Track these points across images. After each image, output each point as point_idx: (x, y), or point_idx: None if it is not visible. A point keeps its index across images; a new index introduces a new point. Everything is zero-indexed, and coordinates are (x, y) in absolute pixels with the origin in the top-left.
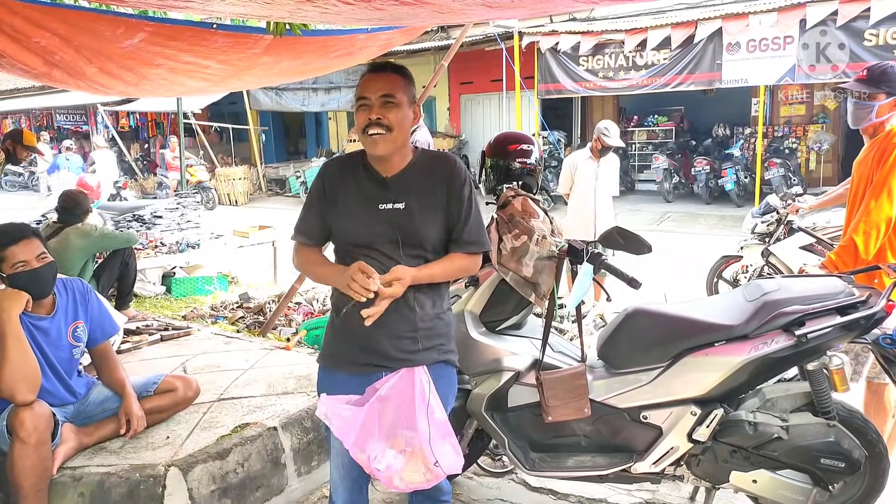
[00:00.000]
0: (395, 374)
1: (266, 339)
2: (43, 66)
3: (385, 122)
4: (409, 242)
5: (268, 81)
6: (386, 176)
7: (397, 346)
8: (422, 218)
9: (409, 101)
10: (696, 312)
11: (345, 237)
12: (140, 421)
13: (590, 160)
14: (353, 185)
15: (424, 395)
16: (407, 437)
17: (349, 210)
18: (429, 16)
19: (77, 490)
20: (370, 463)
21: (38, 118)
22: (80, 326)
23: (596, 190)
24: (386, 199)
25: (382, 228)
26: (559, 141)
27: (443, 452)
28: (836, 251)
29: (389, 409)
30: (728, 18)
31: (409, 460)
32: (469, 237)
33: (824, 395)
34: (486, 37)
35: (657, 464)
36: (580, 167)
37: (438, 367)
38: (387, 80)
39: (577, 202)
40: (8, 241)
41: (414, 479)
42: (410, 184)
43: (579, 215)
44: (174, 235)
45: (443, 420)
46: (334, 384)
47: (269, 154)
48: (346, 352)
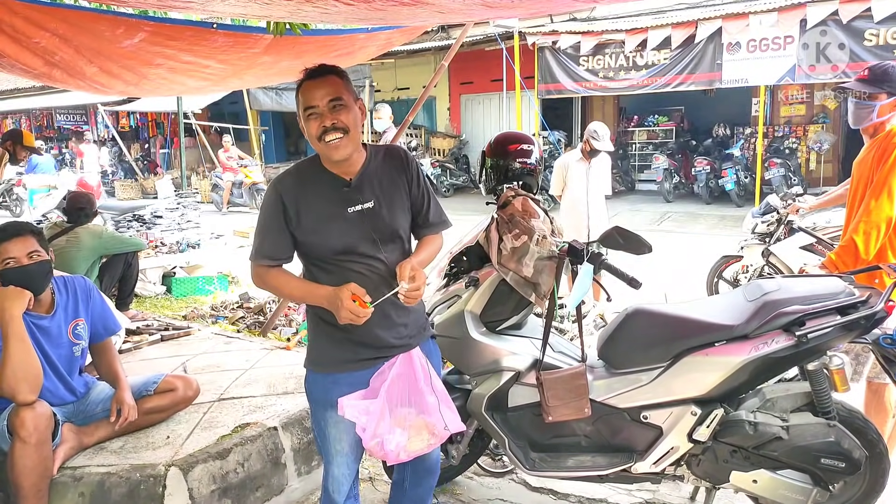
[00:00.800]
0: (395, 360)
1: (266, 339)
2: (43, 66)
3: (341, 126)
4: (386, 238)
5: (268, 81)
6: (349, 178)
7: (395, 335)
8: (391, 212)
9: (354, 98)
10: (696, 312)
11: (320, 249)
12: (132, 410)
13: (580, 161)
14: (316, 196)
15: (426, 372)
16: (406, 413)
17: (319, 221)
18: (429, 16)
19: (77, 490)
20: (383, 447)
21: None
22: (80, 324)
23: (588, 191)
24: (353, 202)
25: (358, 231)
26: (559, 141)
27: (450, 416)
28: (836, 251)
29: (395, 393)
30: (728, 18)
31: (412, 433)
32: (435, 219)
33: (824, 395)
34: (486, 37)
35: (657, 464)
36: (571, 168)
37: (427, 345)
38: (329, 83)
39: (569, 203)
40: (2, 238)
41: (417, 446)
42: (373, 181)
43: (572, 216)
44: (174, 235)
45: (442, 389)
46: (336, 384)
47: (269, 154)
48: (347, 353)
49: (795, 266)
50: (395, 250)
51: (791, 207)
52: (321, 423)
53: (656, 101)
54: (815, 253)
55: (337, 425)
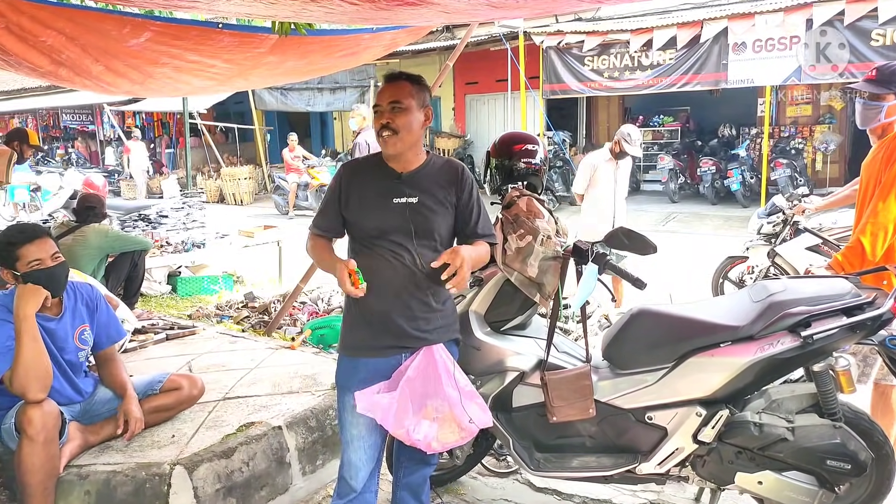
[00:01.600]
0: (417, 355)
1: (271, 338)
2: (49, 65)
3: (392, 126)
4: (422, 234)
5: (273, 81)
6: (401, 172)
7: (414, 327)
8: (432, 212)
9: (419, 105)
10: (701, 313)
11: (361, 229)
12: (138, 423)
13: (609, 162)
14: (369, 182)
15: (447, 367)
16: (436, 405)
17: (365, 204)
18: (434, 16)
19: (83, 488)
20: (410, 435)
21: (44, 118)
22: (86, 330)
23: (615, 192)
24: (400, 194)
25: (396, 220)
26: (564, 141)
27: (474, 411)
28: (842, 252)
29: (417, 386)
30: (734, 18)
31: (441, 425)
32: (484, 230)
33: (830, 397)
34: (491, 37)
35: (662, 465)
36: (599, 169)
37: (450, 345)
38: (396, 87)
39: (594, 203)
40: (23, 240)
41: (449, 438)
42: (423, 181)
43: (596, 216)
44: (180, 235)
45: (467, 384)
46: (356, 370)
47: (274, 154)
48: (367, 337)
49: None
50: (428, 247)
51: (797, 208)
52: (340, 407)
53: (661, 102)
54: (821, 254)
55: (353, 410)
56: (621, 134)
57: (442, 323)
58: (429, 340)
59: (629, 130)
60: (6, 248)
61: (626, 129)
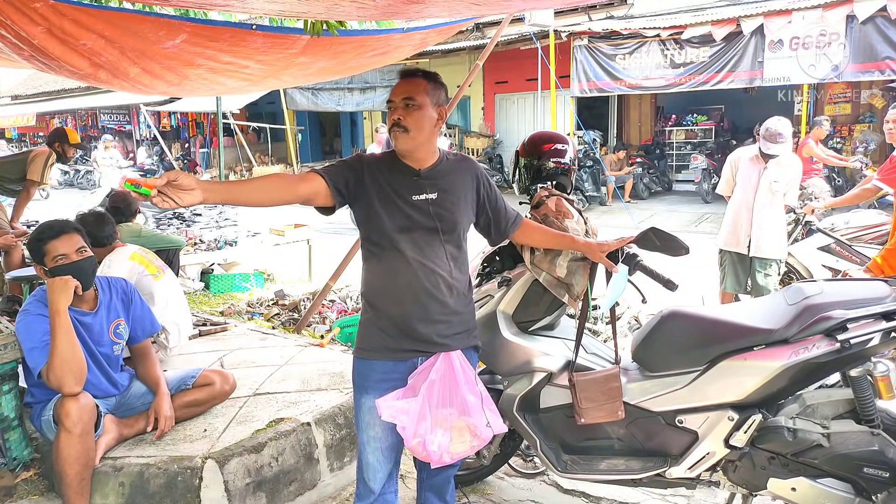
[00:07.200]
0: (437, 359)
1: (300, 335)
2: (89, 68)
3: (403, 123)
4: (446, 229)
5: (304, 81)
6: (418, 169)
7: (433, 331)
8: (455, 205)
9: (433, 102)
10: (734, 315)
11: (382, 228)
12: (168, 421)
13: (753, 161)
14: (387, 178)
15: (467, 374)
16: (448, 413)
17: (385, 202)
18: (465, 8)
19: (118, 479)
20: (425, 447)
21: (83, 118)
22: (121, 324)
23: (756, 196)
24: (419, 190)
25: (418, 217)
26: (595, 140)
27: (492, 417)
28: (882, 254)
29: (436, 392)
30: (770, 15)
31: (454, 435)
32: (511, 216)
33: (868, 403)
34: (521, 36)
35: (692, 469)
36: (742, 167)
37: (469, 352)
38: (411, 83)
39: (729, 208)
40: (49, 236)
41: (460, 449)
42: (441, 177)
43: (730, 223)
44: (213, 233)
45: (484, 391)
46: (372, 371)
47: (304, 153)
48: (384, 340)
49: (813, 267)
50: (450, 242)
51: (807, 208)
52: (356, 408)
53: (695, 100)
54: (833, 254)
55: (370, 411)
56: (761, 129)
57: (462, 328)
58: (449, 346)
59: (769, 124)
60: (36, 244)
61: (768, 122)
